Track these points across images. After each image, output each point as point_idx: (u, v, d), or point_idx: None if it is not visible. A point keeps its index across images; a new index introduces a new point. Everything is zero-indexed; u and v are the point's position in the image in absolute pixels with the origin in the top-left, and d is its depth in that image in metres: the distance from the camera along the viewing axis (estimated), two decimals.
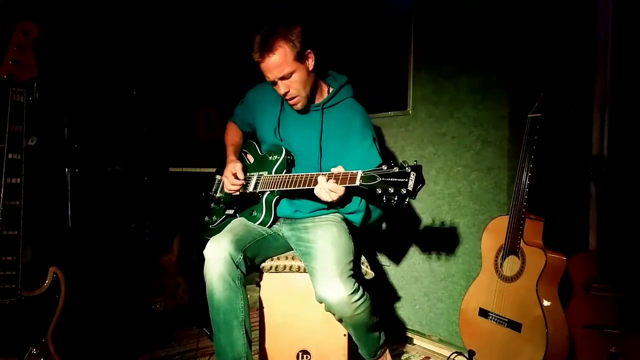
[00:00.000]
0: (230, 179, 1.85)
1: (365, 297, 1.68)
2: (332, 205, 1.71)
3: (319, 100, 1.86)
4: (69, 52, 2.47)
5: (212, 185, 2.12)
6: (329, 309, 1.66)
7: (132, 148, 2.73)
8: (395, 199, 1.37)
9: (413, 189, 1.35)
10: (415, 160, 1.40)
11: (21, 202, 1.62)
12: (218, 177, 2.11)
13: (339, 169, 1.53)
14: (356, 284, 1.66)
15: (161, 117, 2.86)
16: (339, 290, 1.60)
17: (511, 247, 1.83)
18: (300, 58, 1.70)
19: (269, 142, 1.95)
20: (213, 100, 3.12)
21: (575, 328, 1.73)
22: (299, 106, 1.81)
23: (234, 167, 1.86)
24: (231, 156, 1.98)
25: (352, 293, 1.62)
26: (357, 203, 1.67)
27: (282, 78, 1.71)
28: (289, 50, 1.67)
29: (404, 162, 1.38)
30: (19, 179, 1.61)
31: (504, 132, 2.05)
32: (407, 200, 1.37)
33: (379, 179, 1.38)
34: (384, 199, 1.38)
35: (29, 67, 1.66)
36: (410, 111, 2.43)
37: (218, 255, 1.69)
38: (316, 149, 1.82)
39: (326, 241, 1.73)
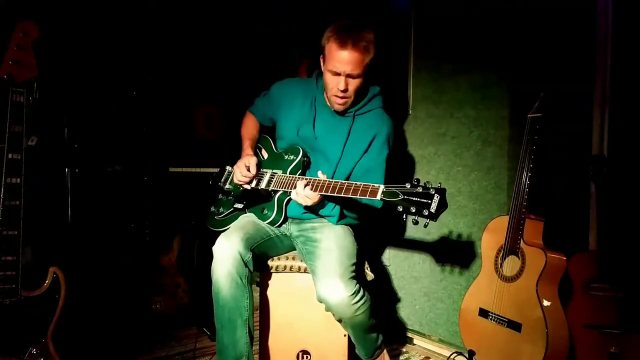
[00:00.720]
0: (243, 171, 1.83)
1: (365, 298, 1.68)
2: (307, 210, 1.77)
3: (352, 106, 1.83)
4: (69, 52, 2.47)
5: (220, 176, 2.09)
6: (329, 309, 1.66)
7: (132, 148, 2.73)
8: (417, 219, 1.34)
9: (435, 212, 1.31)
10: (440, 183, 1.37)
11: (21, 202, 1.61)
12: (228, 167, 2.07)
13: (321, 176, 1.58)
14: (357, 285, 1.66)
15: (161, 117, 2.86)
16: (340, 290, 1.60)
17: (511, 247, 1.82)
18: (369, 66, 1.68)
19: (287, 140, 1.92)
20: (213, 100, 3.11)
21: (575, 328, 1.73)
22: (341, 107, 1.78)
23: (248, 160, 1.85)
24: (248, 150, 1.96)
25: (353, 294, 1.62)
26: (329, 209, 1.75)
27: (349, 76, 1.67)
28: (369, 55, 1.65)
29: (427, 182, 1.35)
30: (19, 179, 1.61)
31: (504, 132, 2.05)
32: (427, 221, 1.33)
33: (400, 197, 1.36)
34: (404, 217, 1.35)
35: (29, 67, 1.65)
36: (410, 111, 2.43)
37: (228, 253, 1.68)
38: (338, 151, 1.81)
39: (331, 242, 1.74)
